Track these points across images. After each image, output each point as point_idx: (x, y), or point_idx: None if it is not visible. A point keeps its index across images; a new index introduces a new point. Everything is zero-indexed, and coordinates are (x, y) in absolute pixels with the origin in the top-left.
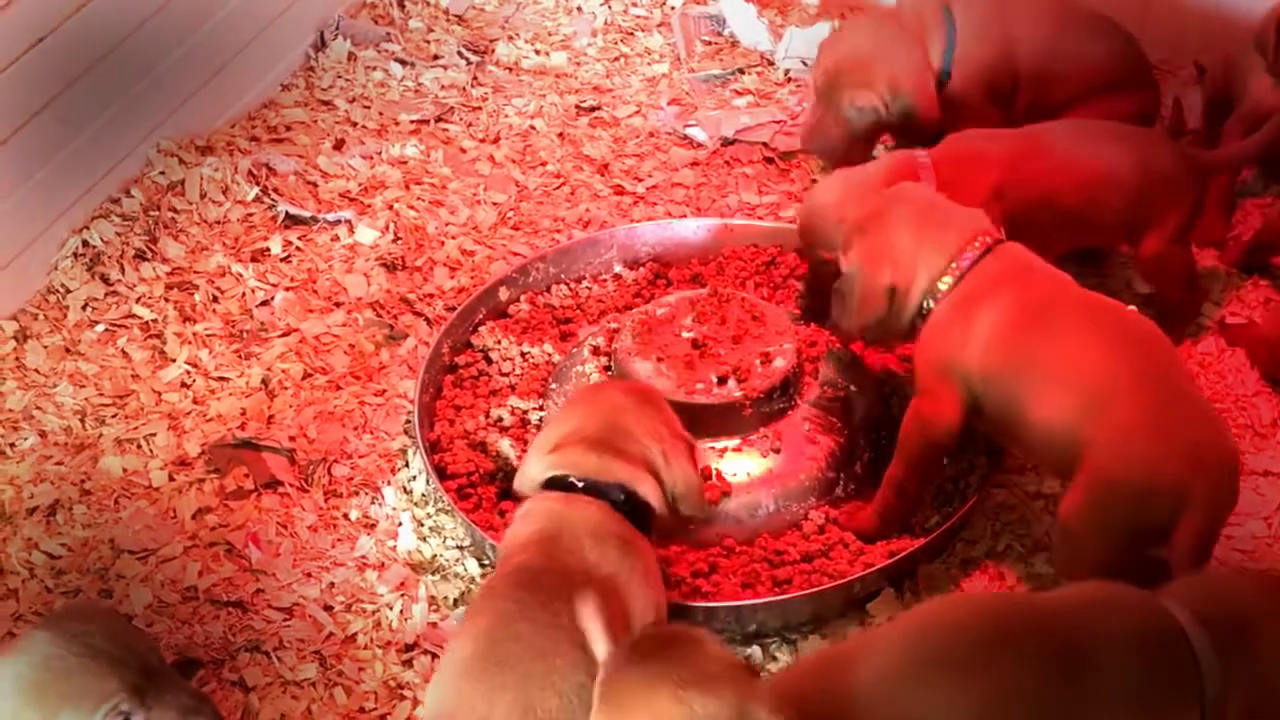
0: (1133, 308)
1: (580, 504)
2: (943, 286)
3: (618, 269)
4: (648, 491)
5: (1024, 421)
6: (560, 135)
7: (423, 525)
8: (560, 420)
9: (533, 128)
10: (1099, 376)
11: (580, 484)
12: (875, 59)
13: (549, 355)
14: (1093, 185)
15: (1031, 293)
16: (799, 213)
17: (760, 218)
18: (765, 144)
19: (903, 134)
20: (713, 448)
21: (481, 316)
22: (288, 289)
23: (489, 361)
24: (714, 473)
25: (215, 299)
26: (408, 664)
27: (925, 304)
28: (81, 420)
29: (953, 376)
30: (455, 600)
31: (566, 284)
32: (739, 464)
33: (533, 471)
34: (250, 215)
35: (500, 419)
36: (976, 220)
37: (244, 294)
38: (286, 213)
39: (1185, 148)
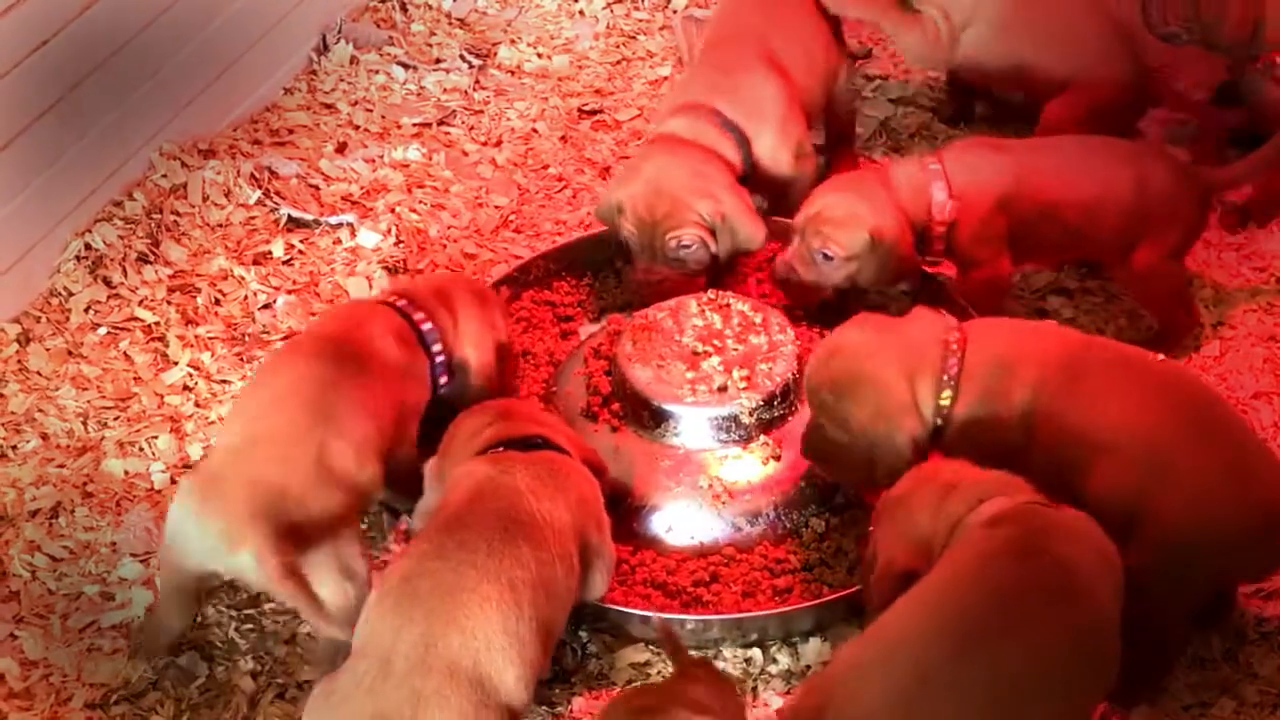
0: (1160, 356)
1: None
2: (945, 402)
3: (619, 265)
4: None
5: (1079, 490)
6: (562, 138)
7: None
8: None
9: (535, 131)
10: (1152, 442)
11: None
12: (682, 193)
13: (550, 355)
14: (1092, 201)
15: (1052, 357)
16: (807, 211)
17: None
18: None
19: (731, 249)
20: (713, 455)
21: None
22: (290, 292)
23: None
24: (714, 480)
25: (217, 302)
26: None
27: (936, 422)
28: (84, 423)
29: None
30: None
31: (568, 281)
32: (739, 470)
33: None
34: (252, 218)
35: None
36: (935, 325)
37: (246, 297)
38: (289, 216)
39: (1188, 165)
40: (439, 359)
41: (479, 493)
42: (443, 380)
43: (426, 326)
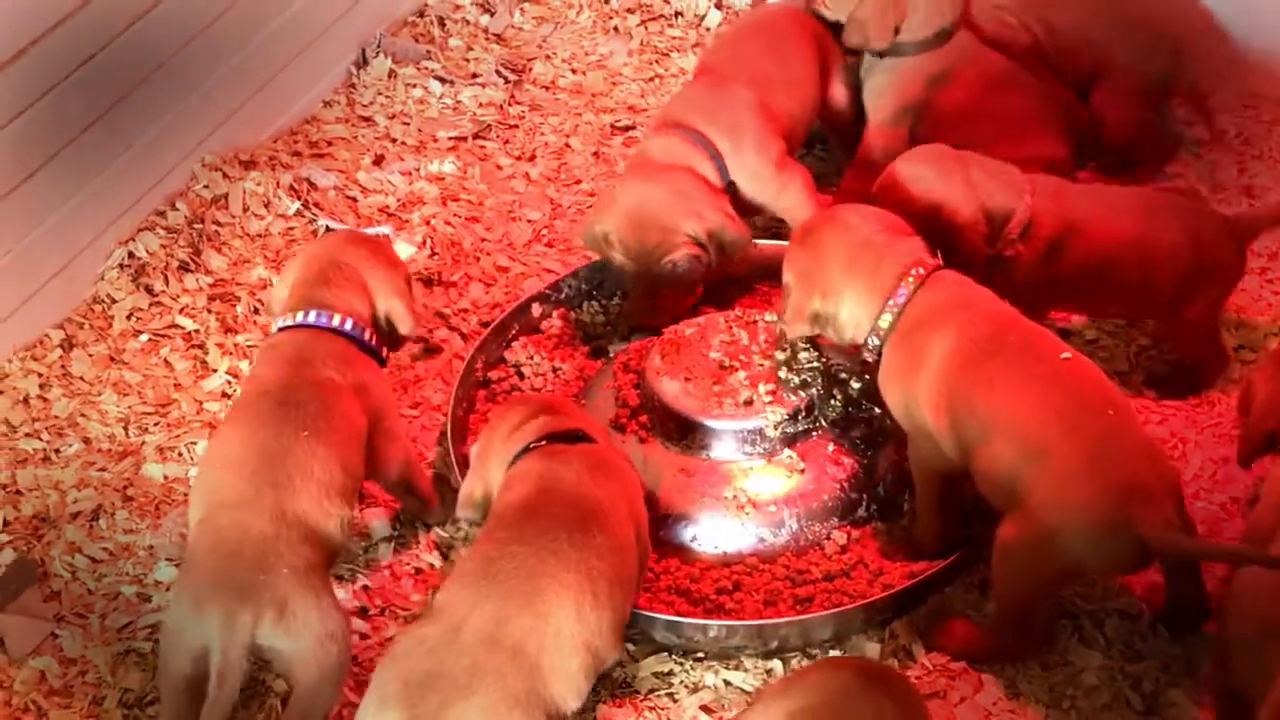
0: (1067, 354)
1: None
2: (884, 324)
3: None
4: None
5: (970, 464)
6: (595, 154)
7: (455, 536)
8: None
9: (568, 146)
10: (1034, 427)
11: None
12: (667, 217)
13: (580, 372)
14: (1147, 255)
15: (972, 331)
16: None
17: (788, 236)
18: None
19: (721, 258)
20: (738, 467)
21: (515, 332)
22: None
23: (521, 377)
24: (739, 491)
25: (256, 311)
26: None
27: (870, 341)
28: (124, 428)
29: (912, 412)
30: None
31: (598, 300)
32: (763, 483)
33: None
34: (291, 229)
35: None
36: (911, 252)
37: None
38: (326, 227)
39: (1230, 216)
40: (370, 340)
41: (546, 486)
42: (384, 352)
43: (349, 325)
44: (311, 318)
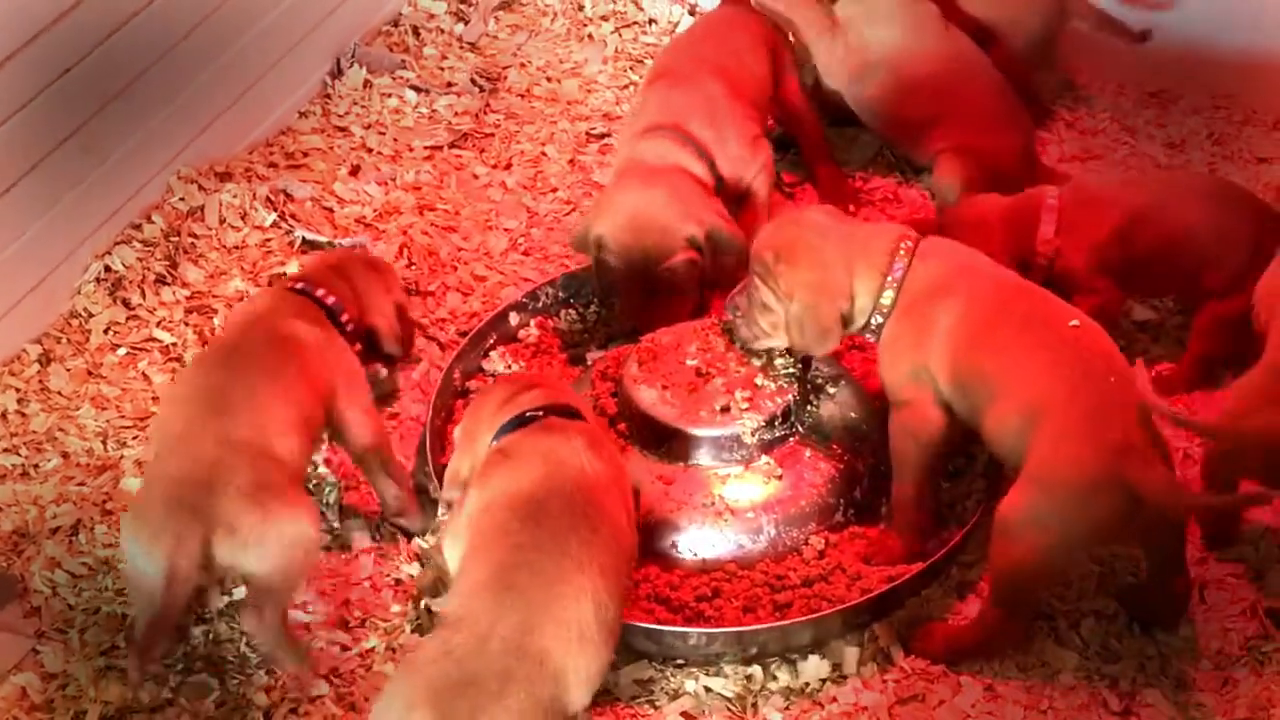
0: (1075, 321)
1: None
2: (886, 301)
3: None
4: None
5: (980, 428)
6: (571, 162)
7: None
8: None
9: (544, 154)
10: (1038, 390)
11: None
12: (666, 220)
13: (558, 379)
14: (1207, 244)
15: (979, 298)
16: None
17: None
18: None
19: (715, 262)
20: (715, 474)
21: (492, 341)
22: None
23: None
24: (717, 498)
25: None
26: None
27: (874, 320)
28: (103, 442)
29: (923, 380)
30: None
31: (575, 309)
32: (741, 490)
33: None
34: (268, 240)
35: None
36: (894, 227)
37: None
38: (303, 238)
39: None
40: (344, 322)
41: (549, 472)
42: (355, 348)
43: (330, 300)
44: (297, 286)
